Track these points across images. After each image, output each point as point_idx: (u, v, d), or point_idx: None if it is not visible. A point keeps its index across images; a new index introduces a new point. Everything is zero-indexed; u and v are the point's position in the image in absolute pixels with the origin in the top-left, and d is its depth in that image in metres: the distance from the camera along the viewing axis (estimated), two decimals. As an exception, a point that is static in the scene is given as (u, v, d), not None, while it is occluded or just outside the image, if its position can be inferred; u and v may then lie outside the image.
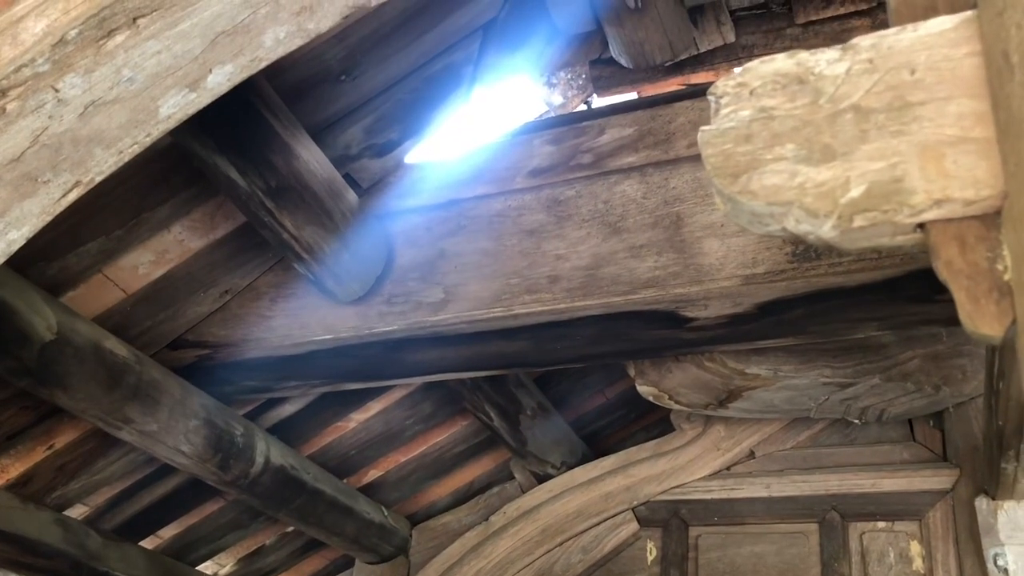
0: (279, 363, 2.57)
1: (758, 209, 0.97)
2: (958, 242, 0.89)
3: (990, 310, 0.85)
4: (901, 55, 0.97)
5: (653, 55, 2.28)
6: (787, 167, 0.97)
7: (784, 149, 0.98)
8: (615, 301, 2.22)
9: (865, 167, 0.93)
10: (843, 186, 0.93)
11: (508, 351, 2.47)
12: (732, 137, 1.00)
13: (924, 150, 0.92)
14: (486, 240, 2.35)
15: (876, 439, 3.33)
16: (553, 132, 2.35)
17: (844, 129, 0.96)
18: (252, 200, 2.04)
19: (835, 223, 0.93)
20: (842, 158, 0.94)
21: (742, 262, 2.14)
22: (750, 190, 0.97)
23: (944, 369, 2.94)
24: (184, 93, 1.58)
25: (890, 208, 0.91)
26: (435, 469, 3.68)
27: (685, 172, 2.22)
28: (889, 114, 0.95)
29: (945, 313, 2.22)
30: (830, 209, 0.93)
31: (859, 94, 0.97)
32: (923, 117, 0.93)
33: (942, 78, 0.94)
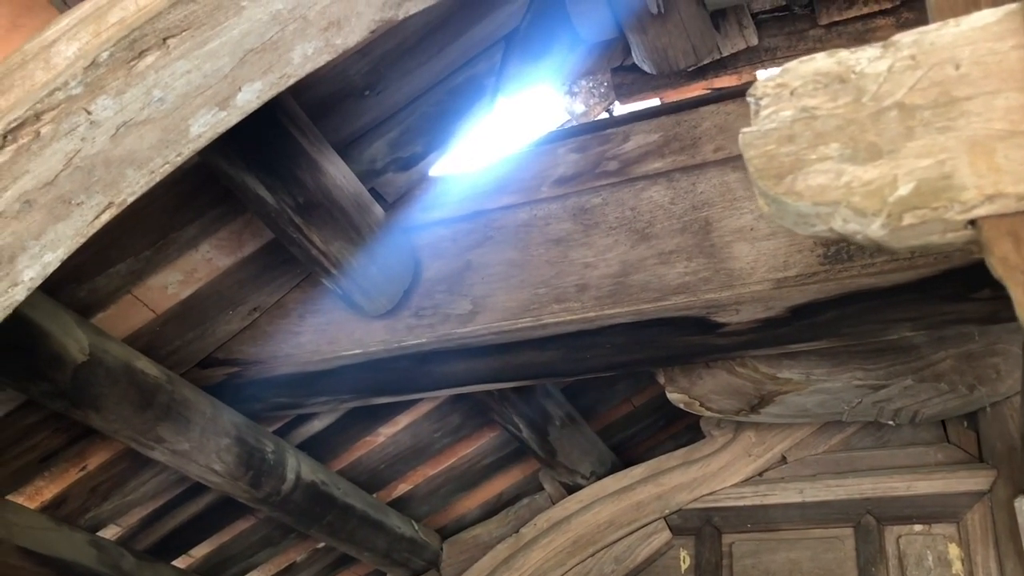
0: (308, 379, 2.57)
1: (804, 210, 0.96)
2: (1012, 238, 0.87)
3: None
4: (944, 51, 0.96)
5: (677, 60, 2.27)
6: (832, 167, 0.96)
7: (828, 149, 0.97)
8: (645, 308, 2.21)
9: (913, 164, 0.92)
10: (891, 184, 0.92)
11: (537, 361, 2.46)
12: (775, 138, 0.99)
13: (973, 146, 0.90)
14: (512, 250, 2.35)
15: (910, 441, 3.29)
16: (578, 140, 2.34)
17: (889, 127, 0.95)
18: (281, 217, 2.04)
19: (884, 222, 0.92)
20: (888, 156, 0.93)
21: (773, 265, 2.12)
22: (795, 191, 0.95)
23: (978, 368, 2.91)
24: (214, 112, 1.58)
25: (940, 205, 0.89)
26: (464, 482, 3.67)
27: (712, 176, 2.20)
28: (935, 110, 0.94)
29: (980, 311, 2.19)
30: (879, 208, 0.91)
31: (903, 91, 0.96)
32: (970, 112, 0.92)
33: (988, 72, 0.93)
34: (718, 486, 3.36)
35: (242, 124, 1.93)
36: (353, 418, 3.10)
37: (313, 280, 2.50)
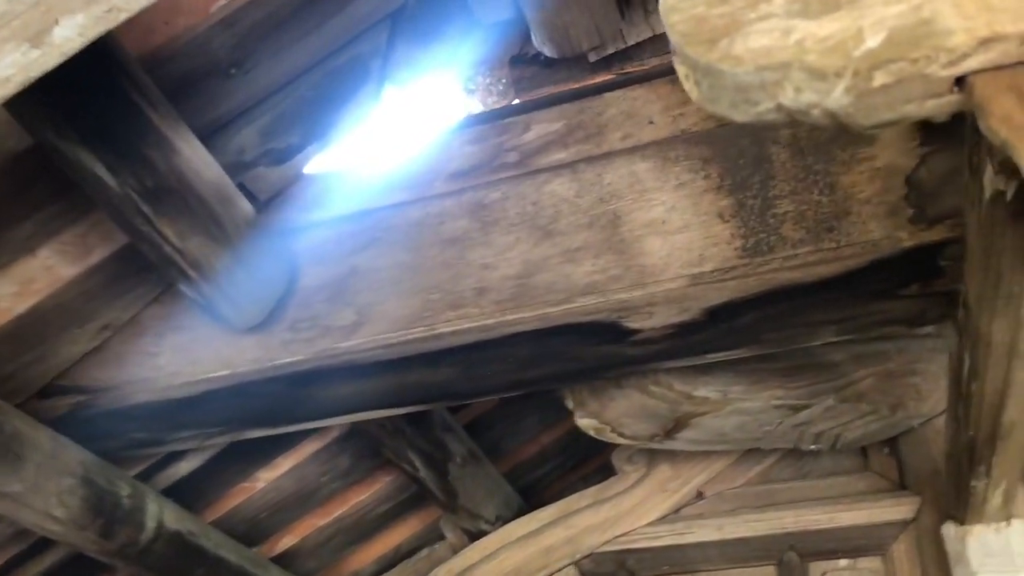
0: (169, 408, 2.24)
1: (745, 79, 0.75)
2: (1015, 92, 0.67)
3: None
4: None
5: (579, 41, 2.09)
6: (778, 24, 0.75)
7: (771, 5, 0.76)
8: (551, 312, 1.98)
9: (881, 12, 0.71)
10: (855, 37, 0.72)
11: (432, 380, 2.20)
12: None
13: (958, -18, 0.70)
14: (404, 252, 2.10)
15: (830, 471, 3.13)
16: (474, 131, 2.13)
17: (847, -26, 0.74)
18: (126, 204, 1.75)
19: (850, 83, 0.71)
20: (848, 6, 0.73)
21: (688, 260, 1.92)
22: (733, 55, 0.75)
23: (898, 388, 2.77)
24: (24, 49, 1.30)
25: (921, 56, 0.69)
26: (357, 533, 3.34)
27: (620, 167, 2.01)
28: (904, -49, 0.74)
29: (908, 310, 2.04)
30: (842, 65, 0.71)
31: (860, -65, 0.76)
32: (948, -52, 0.73)
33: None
34: (632, 526, 3.11)
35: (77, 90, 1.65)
36: (227, 460, 2.75)
37: (174, 293, 2.19)
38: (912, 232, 1.83)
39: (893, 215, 1.84)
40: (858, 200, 1.87)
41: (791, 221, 1.89)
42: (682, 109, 2.01)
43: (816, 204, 1.88)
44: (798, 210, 1.89)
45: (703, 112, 2.02)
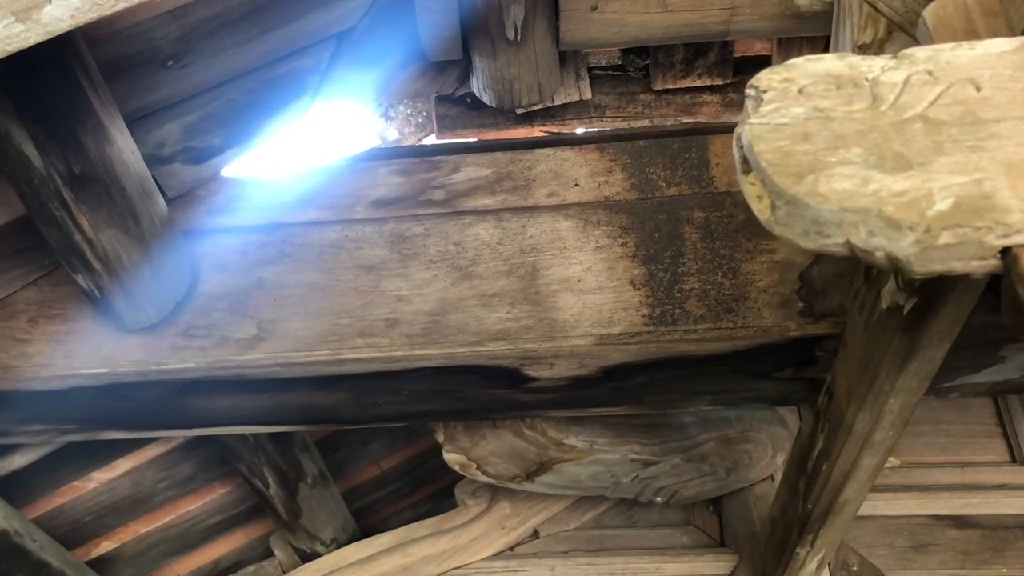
0: (28, 399, 2.08)
1: (826, 215, 0.84)
2: (1049, 271, 0.80)
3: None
4: (963, 70, 0.90)
5: (521, 96, 2.15)
6: (857, 172, 0.85)
7: (850, 152, 0.86)
8: (459, 352, 2.02)
9: (948, 180, 0.83)
10: (927, 197, 0.82)
11: (320, 404, 2.17)
12: (789, 134, 0.87)
13: (1010, 168, 0.83)
14: (315, 272, 2.07)
15: (657, 522, 3.32)
16: (403, 163, 2.14)
17: (916, 139, 0.86)
18: (46, 187, 1.64)
19: (919, 237, 0.81)
20: (919, 168, 0.84)
21: (598, 320, 2.02)
22: (819, 192, 0.83)
23: (734, 453, 2.99)
24: (8, 22, 1.22)
25: (984, 225, 0.81)
26: (181, 543, 3.19)
27: (544, 222, 2.09)
28: (962, 128, 0.86)
29: (777, 391, 2.23)
30: (916, 221, 0.81)
31: (924, 105, 0.88)
32: (1000, 135, 0.86)
33: (1012, 98, 0.88)
34: (468, 559, 3.17)
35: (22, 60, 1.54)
36: (64, 457, 2.58)
37: (56, 279, 2.06)
38: (799, 323, 2.02)
39: (785, 306, 2.02)
40: (756, 287, 2.03)
41: (695, 297, 2.03)
42: (607, 177, 2.12)
43: (719, 285, 2.03)
44: (703, 288, 2.03)
45: (626, 184, 2.14)
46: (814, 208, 0.85)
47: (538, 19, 2.04)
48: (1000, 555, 3.10)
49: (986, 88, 0.89)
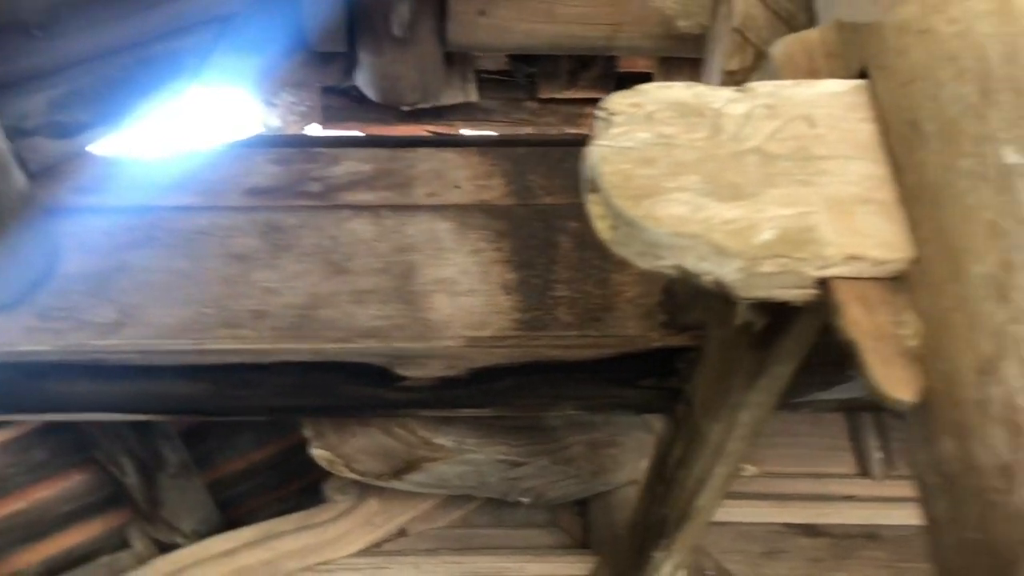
0: None
1: (659, 239, 0.88)
2: (862, 303, 0.86)
3: (900, 375, 0.82)
4: (801, 107, 0.95)
5: (404, 94, 2.15)
6: (691, 199, 0.89)
7: (687, 180, 0.90)
8: (328, 348, 2.01)
9: (775, 212, 0.88)
10: (754, 228, 0.87)
11: (183, 393, 2.13)
12: (632, 158, 0.91)
13: (834, 205, 0.89)
14: (182, 259, 2.02)
15: (524, 523, 3.36)
16: (280, 152, 2.11)
17: (749, 170, 0.91)
18: None
19: (743, 265, 0.86)
20: (750, 199, 0.89)
21: (469, 323, 2.04)
22: (655, 215, 0.87)
23: (601, 457, 3.07)
24: None
25: (803, 257, 0.86)
26: (31, 531, 3.06)
27: (422, 221, 2.09)
28: (794, 163, 0.92)
29: (639, 399, 2.30)
30: (741, 249, 0.86)
31: (760, 138, 0.93)
32: (828, 172, 0.92)
33: (842, 138, 0.93)
34: (333, 555, 3.15)
35: None
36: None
37: (-101, 249, 1.94)
38: (661, 335, 2.08)
39: (648, 317, 2.08)
40: (623, 298, 2.09)
41: (565, 305, 2.07)
42: (487, 181, 2.14)
43: (588, 294, 2.08)
44: (573, 296, 2.08)
45: (506, 189, 2.17)
46: (649, 231, 0.89)
47: (425, 19, 2.05)
48: (844, 563, 3.27)
49: (820, 126, 0.95)
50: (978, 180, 0.82)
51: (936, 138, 0.87)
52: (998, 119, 0.83)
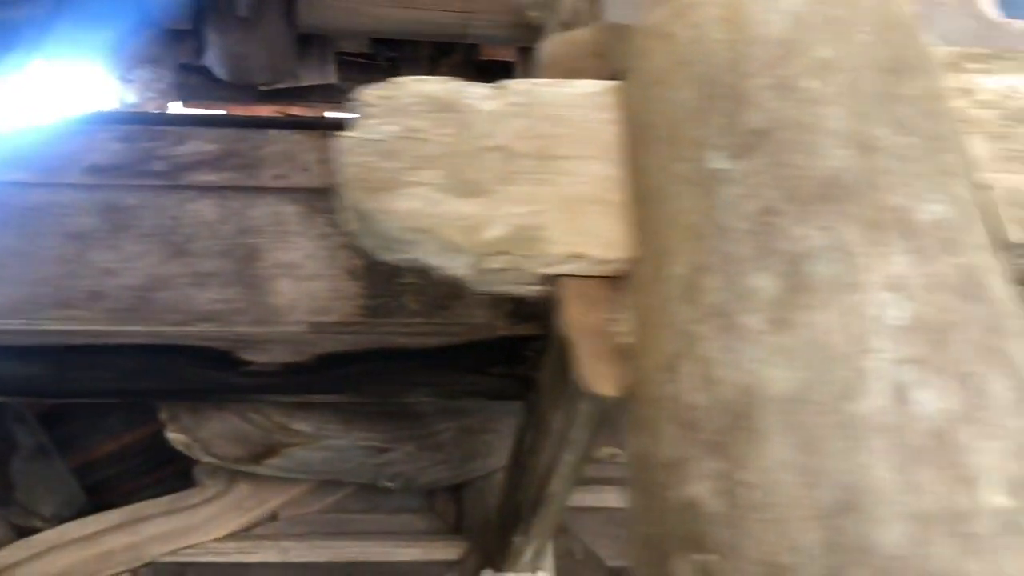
0: None
1: (392, 232, 0.89)
2: (584, 300, 0.88)
3: (607, 371, 0.85)
4: (551, 107, 0.97)
5: (253, 73, 2.12)
6: (429, 194, 0.90)
7: (428, 174, 0.91)
8: (166, 331, 1.97)
9: (508, 209, 0.90)
10: (485, 224, 0.89)
11: (18, 375, 2.07)
12: (376, 150, 0.92)
13: (566, 204, 0.91)
14: (14, 237, 1.96)
15: (398, 508, 3.37)
16: (125, 129, 2.06)
17: (490, 167, 0.93)
18: None
19: (470, 261, 0.88)
20: (486, 196, 0.90)
21: (313, 308, 2.03)
22: (388, 209, 0.88)
23: (472, 443, 3.09)
24: None
25: (526, 255, 0.88)
26: None
27: (268, 204, 2.07)
28: (535, 161, 0.94)
29: (491, 386, 2.32)
30: (467, 246, 0.87)
31: (507, 136, 0.94)
32: (567, 172, 0.94)
33: (587, 138, 0.95)
34: (201, 539, 3.11)
35: None
36: None
37: None
38: (507, 324, 2.10)
39: (496, 306, 2.10)
40: (470, 287, 2.10)
41: (412, 293, 2.07)
42: (337, 166, 2.13)
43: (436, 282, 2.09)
44: (420, 285, 2.08)
45: (355, 174, 2.16)
46: (382, 224, 0.90)
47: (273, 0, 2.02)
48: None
49: (567, 126, 0.96)
50: (687, 184, 0.84)
51: (662, 141, 0.89)
52: (713, 125, 0.86)
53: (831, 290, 0.73)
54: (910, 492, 0.64)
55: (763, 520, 0.66)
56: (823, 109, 0.84)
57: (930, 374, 0.68)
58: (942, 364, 0.69)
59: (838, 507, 0.64)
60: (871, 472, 0.65)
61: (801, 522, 0.64)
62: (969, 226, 0.78)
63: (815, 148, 0.81)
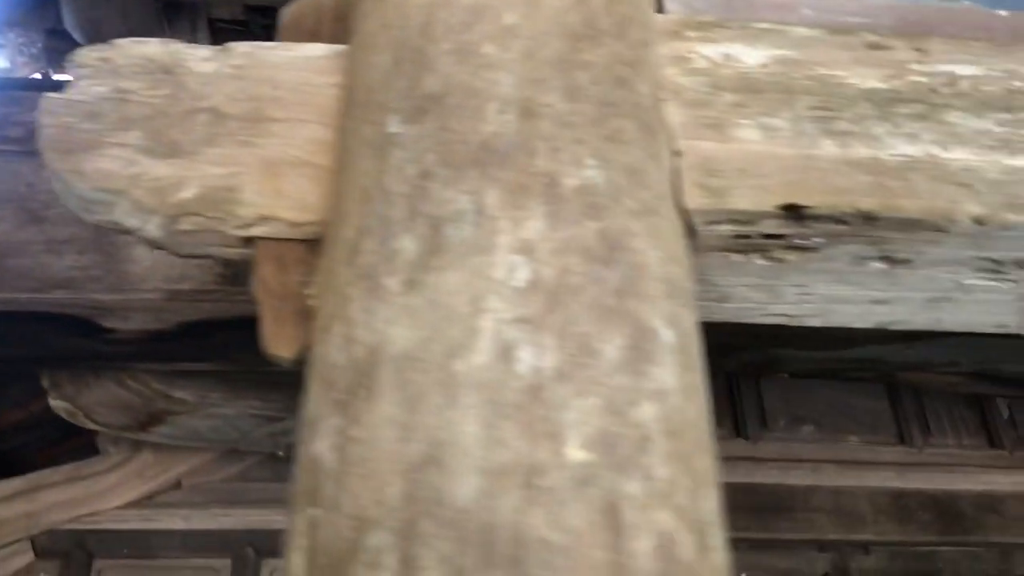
0: None
1: (87, 194, 0.89)
2: (277, 262, 0.89)
3: (289, 332, 0.86)
4: (270, 69, 0.97)
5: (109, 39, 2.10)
6: (127, 155, 0.90)
7: (129, 136, 0.91)
8: (21, 297, 1.97)
9: (205, 171, 0.90)
10: (177, 186, 0.89)
11: None
12: (79, 111, 0.92)
13: (267, 166, 0.91)
14: None
15: (305, 477, 3.38)
16: (-22, 95, 2.04)
17: (196, 129, 0.93)
18: None
19: (161, 222, 0.88)
20: (186, 157, 0.91)
21: (169, 276, 2.02)
22: (80, 170, 0.88)
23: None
24: None
25: (217, 216, 0.88)
26: None
27: (124, 171, 2.06)
28: (244, 123, 0.94)
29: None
30: (157, 207, 0.88)
31: (220, 97, 0.94)
32: (276, 134, 0.94)
33: (302, 101, 0.96)
34: (101, 507, 3.11)
35: None
36: None
37: None
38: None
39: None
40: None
41: (271, 261, 2.07)
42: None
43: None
44: (279, 252, 2.08)
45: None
46: (74, 185, 0.90)
47: (125, -36, 2.00)
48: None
49: (284, 89, 0.96)
50: (367, 147, 0.85)
51: (358, 104, 0.90)
52: (396, 89, 0.86)
53: (463, 252, 0.74)
54: (491, 447, 0.65)
55: (360, 475, 0.67)
56: (495, 75, 0.84)
57: (538, 334, 0.69)
58: (553, 324, 0.70)
59: (422, 461, 0.65)
60: (458, 428, 0.66)
61: (389, 476, 0.66)
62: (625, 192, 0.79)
63: (479, 114, 0.81)
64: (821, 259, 0.93)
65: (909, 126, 0.93)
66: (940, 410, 3.84)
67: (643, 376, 0.70)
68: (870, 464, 3.63)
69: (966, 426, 3.84)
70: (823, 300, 1.00)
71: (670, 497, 0.66)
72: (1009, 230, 0.89)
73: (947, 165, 0.91)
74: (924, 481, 3.67)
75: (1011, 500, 3.70)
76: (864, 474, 3.61)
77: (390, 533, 0.63)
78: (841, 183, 0.88)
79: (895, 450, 3.70)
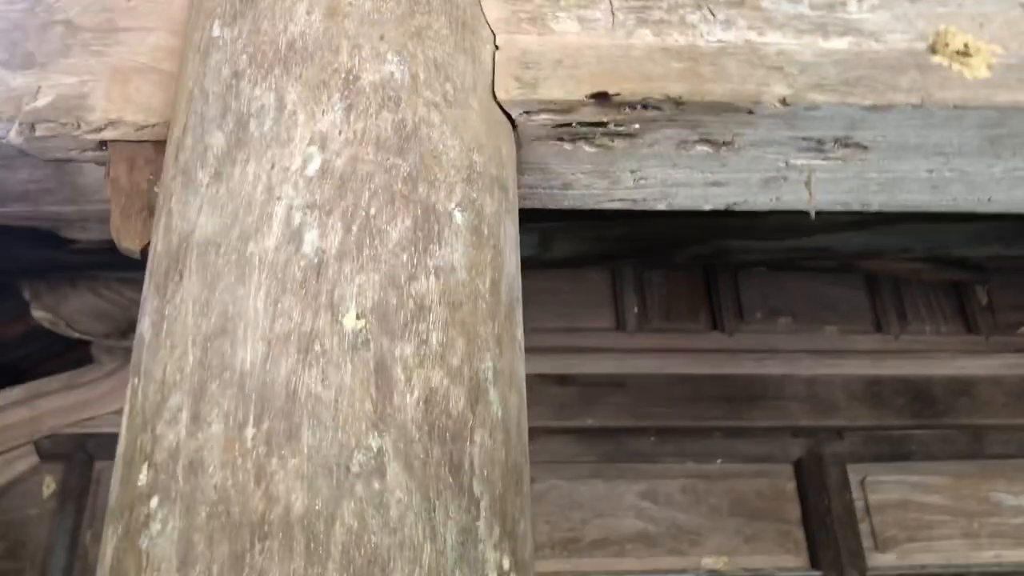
0: None
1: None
2: (128, 163, 0.96)
3: (136, 227, 0.93)
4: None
5: None
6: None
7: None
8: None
9: (58, 80, 0.96)
10: (32, 95, 0.96)
11: None
12: (-61, 28, 0.97)
13: (115, 73, 0.97)
14: None
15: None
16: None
17: (51, 41, 0.99)
18: None
19: (19, 129, 0.95)
20: (40, 68, 0.97)
21: (116, 187, 2.10)
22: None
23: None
24: None
25: (69, 122, 0.95)
26: None
27: (71, 86, 2.12)
28: (96, 34, 0.99)
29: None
30: (14, 115, 0.94)
31: (75, 10, 1.00)
32: (125, 43, 0.99)
33: (153, 10, 1.01)
34: (98, 412, 3.27)
35: None
36: None
37: None
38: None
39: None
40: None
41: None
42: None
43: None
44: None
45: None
46: (-64, 98, 0.97)
47: None
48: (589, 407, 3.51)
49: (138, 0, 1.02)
50: (195, 52, 0.91)
51: (195, 11, 0.95)
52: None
53: (263, 145, 0.80)
54: (275, 318, 0.73)
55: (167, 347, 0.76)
56: (306, -23, 0.89)
57: (325, 217, 0.76)
58: (341, 209, 0.77)
59: (215, 332, 0.74)
60: (247, 302, 0.74)
61: (188, 347, 0.74)
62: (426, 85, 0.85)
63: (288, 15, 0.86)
64: (647, 144, 0.98)
65: (724, 12, 0.97)
66: (919, 299, 3.88)
67: (426, 254, 0.77)
68: (845, 352, 3.69)
69: (943, 313, 3.88)
70: (661, 184, 1.05)
71: (443, 359, 0.74)
72: (816, 109, 0.93)
73: (762, 49, 0.95)
74: (898, 368, 3.73)
75: (984, 383, 3.77)
76: (839, 362, 3.68)
77: (186, 394, 0.72)
78: (653, 70, 0.93)
79: (871, 338, 3.76)
